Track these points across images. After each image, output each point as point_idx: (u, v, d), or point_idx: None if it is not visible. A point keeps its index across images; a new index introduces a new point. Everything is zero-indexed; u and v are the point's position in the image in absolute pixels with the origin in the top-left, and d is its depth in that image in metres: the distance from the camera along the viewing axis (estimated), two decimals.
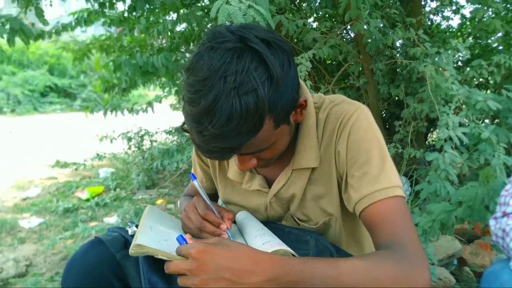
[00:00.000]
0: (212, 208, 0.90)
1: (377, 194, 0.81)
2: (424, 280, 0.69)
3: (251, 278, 0.66)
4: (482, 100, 1.83)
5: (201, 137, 0.71)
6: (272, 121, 0.74)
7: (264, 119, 0.71)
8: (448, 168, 1.70)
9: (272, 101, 0.71)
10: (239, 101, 0.67)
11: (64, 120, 11.35)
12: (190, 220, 0.90)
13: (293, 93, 0.77)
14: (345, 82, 3.37)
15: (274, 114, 0.73)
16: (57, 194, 3.95)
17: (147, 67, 3.24)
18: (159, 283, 0.77)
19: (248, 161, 0.83)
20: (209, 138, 0.70)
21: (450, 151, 1.73)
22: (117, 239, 0.91)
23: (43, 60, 15.11)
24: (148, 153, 4.22)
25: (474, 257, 2.01)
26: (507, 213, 0.99)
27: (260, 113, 0.69)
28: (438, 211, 1.47)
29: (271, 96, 0.70)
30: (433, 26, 3.54)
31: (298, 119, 0.85)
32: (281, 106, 0.73)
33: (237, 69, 0.67)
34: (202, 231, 0.88)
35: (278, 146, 0.82)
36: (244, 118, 0.68)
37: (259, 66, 0.69)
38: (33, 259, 2.47)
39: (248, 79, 0.67)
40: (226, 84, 0.67)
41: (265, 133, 0.74)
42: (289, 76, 0.75)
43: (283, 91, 0.73)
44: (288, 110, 0.78)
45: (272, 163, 0.90)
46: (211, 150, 0.73)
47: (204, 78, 0.68)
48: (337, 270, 0.68)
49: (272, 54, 0.71)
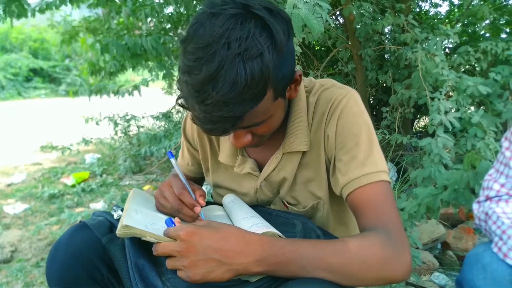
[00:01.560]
0: (188, 187, 0.90)
1: (364, 179, 0.82)
2: (406, 262, 0.72)
3: (240, 259, 0.66)
4: (472, 85, 1.84)
5: (203, 106, 0.68)
6: (272, 91, 0.73)
7: (267, 87, 0.70)
8: (441, 152, 1.71)
9: (275, 68, 0.69)
10: (244, 67, 0.65)
11: (49, 105, 11.16)
12: (166, 199, 0.89)
13: (292, 64, 0.76)
14: (334, 68, 3.37)
15: (275, 84, 0.72)
16: (42, 180, 3.90)
17: (135, 49, 3.16)
18: (146, 266, 0.76)
19: (244, 136, 0.81)
20: (212, 107, 0.67)
21: (443, 135, 1.74)
22: (102, 223, 0.89)
23: (27, 44, 14.77)
24: (135, 138, 4.17)
25: (458, 241, 2.04)
26: (490, 197, 1.00)
27: (265, 80, 0.68)
28: (423, 195, 1.49)
29: (274, 63, 0.69)
30: (422, 13, 3.54)
31: (292, 95, 0.85)
32: (281, 76, 0.73)
33: (242, 35, 0.65)
34: (180, 212, 0.88)
35: (273, 121, 0.81)
36: (249, 85, 0.66)
37: (263, 32, 0.68)
38: (18, 245, 2.44)
39: (254, 44, 0.66)
40: (230, 50, 0.65)
41: (265, 104, 0.72)
42: (289, 47, 0.74)
43: (284, 60, 0.72)
44: (286, 82, 0.77)
45: (264, 142, 0.89)
46: (213, 120, 0.70)
47: (206, 45, 0.66)
48: (324, 251, 0.69)
49: (275, 22, 0.70)
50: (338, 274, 0.68)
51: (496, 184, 0.99)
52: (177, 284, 0.71)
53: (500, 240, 0.88)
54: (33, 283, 1.99)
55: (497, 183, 0.99)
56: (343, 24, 3.10)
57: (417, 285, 1.75)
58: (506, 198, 0.97)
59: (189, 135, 1.11)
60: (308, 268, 0.68)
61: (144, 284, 0.74)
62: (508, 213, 0.93)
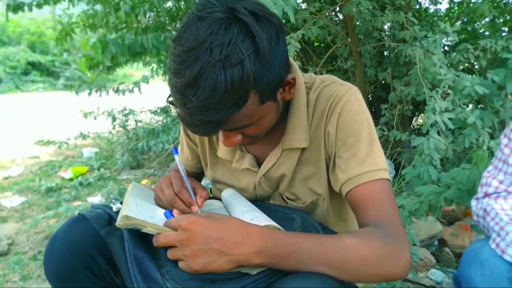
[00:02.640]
0: (188, 185, 0.90)
1: (364, 176, 0.82)
2: (405, 259, 0.72)
3: (240, 249, 0.66)
4: (469, 85, 1.84)
5: (185, 109, 0.69)
6: (257, 96, 0.72)
7: (249, 93, 0.70)
8: (432, 153, 1.72)
9: (258, 75, 0.69)
10: (224, 74, 0.65)
11: (47, 99, 11.10)
12: (163, 193, 0.90)
13: (281, 69, 0.75)
14: (333, 65, 3.36)
15: (259, 89, 0.72)
16: (39, 174, 3.89)
17: (135, 48, 3.15)
18: (145, 259, 0.76)
19: (233, 136, 0.82)
20: (193, 111, 0.69)
21: (435, 136, 1.74)
22: (101, 216, 0.89)
23: (24, 37, 14.68)
24: (132, 133, 4.16)
25: (454, 238, 2.05)
26: (488, 194, 1.01)
27: (245, 87, 0.68)
28: (427, 193, 1.49)
29: (257, 70, 0.69)
30: (421, 10, 3.53)
31: (286, 97, 0.84)
32: (266, 82, 0.72)
33: (224, 41, 0.66)
34: (173, 207, 0.88)
35: (263, 123, 0.81)
36: (229, 92, 0.66)
37: (246, 38, 0.68)
38: (16, 237, 2.44)
39: (234, 51, 0.66)
40: (212, 56, 0.65)
41: (249, 109, 0.72)
42: (277, 51, 0.73)
43: (269, 66, 0.71)
44: (274, 87, 0.76)
45: (259, 140, 0.89)
46: (195, 123, 0.71)
47: (190, 48, 0.67)
48: (324, 246, 0.69)
49: (260, 27, 0.69)
50: (337, 269, 0.68)
51: (494, 180, 1.00)
52: (176, 276, 0.71)
53: (498, 236, 0.88)
54: (30, 276, 1.99)
55: (496, 180, 0.99)
56: (343, 20, 3.10)
57: (414, 281, 1.76)
58: (505, 194, 0.97)
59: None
60: (307, 262, 0.68)
61: (143, 276, 0.74)
62: (507, 210, 0.93)
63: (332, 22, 2.95)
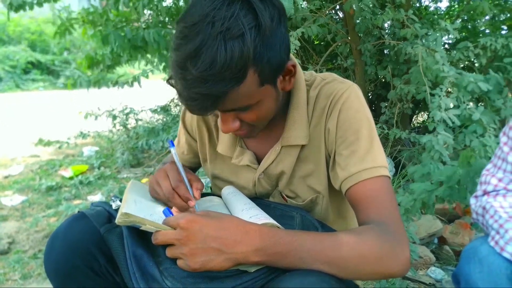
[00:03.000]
0: (184, 178, 0.90)
1: (364, 173, 0.82)
2: (405, 257, 0.72)
3: (239, 248, 0.67)
4: (473, 82, 1.84)
5: (184, 82, 0.70)
6: (257, 76, 0.72)
7: (248, 69, 0.70)
8: (441, 149, 1.71)
9: (258, 51, 0.69)
10: (224, 46, 0.66)
11: (48, 97, 11.10)
12: (160, 187, 0.89)
13: (281, 52, 0.75)
14: (333, 63, 3.36)
15: (259, 68, 0.72)
16: (40, 172, 3.89)
17: (136, 41, 3.14)
18: (144, 257, 0.76)
19: (231, 121, 0.81)
20: (192, 83, 0.69)
21: (443, 132, 1.74)
22: (100, 213, 0.90)
23: (24, 36, 14.66)
24: (133, 131, 4.16)
25: (454, 236, 2.05)
26: (487, 192, 1.01)
27: (245, 61, 0.68)
28: (419, 191, 1.49)
29: (257, 46, 0.69)
30: (422, 8, 3.53)
31: (286, 87, 0.84)
32: (267, 61, 0.72)
33: (226, 15, 0.67)
34: (171, 202, 0.88)
35: (262, 110, 0.80)
36: (228, 64, 0.66)
37: (248, 13, 0.69)
38: (16, 236, 2.44)
39: (236, 24, 0.66)
40: (214, 29, 0.66)
41: (248, 88, 0.72)
42: (278, 33, 0.73)
43: (270, 44, 0.71)
44: (274, 69, 0.76)
45: (257, 133, 0.89)
46: (193, 97, 0.71)
47: (193, 23, 0.68)
48: (323, 244, 0.69)
49: (263, 6, 0.70)
50: (337, 267, 0.68)
51: (493, 178, 1.00)
52: (175, 273, 0.71)
53: (497, 234, 0.88)
54: (31, 274, 2.00)
55: (495, 178, 0.99)
56: (343, 18, 3.09)
57: (413, 279, 1.76)
58: (504, 192, 0.97)
59: (188, 124, 1.11)
60: (306, 260, 0.68)
61: (142, 274, 0.74)
62: (506, 207, 0.93)
63: (332, 20, 2.94)
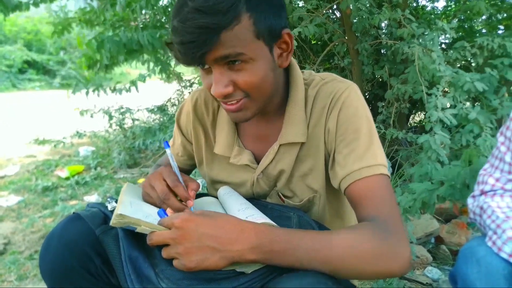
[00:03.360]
0: (181, 179, 0.89)
1: (363, 171, 0.82)
2: (404, 256, 0.70)
3: (235, 246, 0.66)
4: (469, 81, 1.84)
5: (180, 16, 0.71)
6: (252, 23, 0.74)
7: (240, 8, 0.72)
8: (438, 149, 1.71)
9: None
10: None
11: (44, 97, 11.06)
12: (154, 190, 0.88)
13: (277, 12, 0.79)
14: (330, 62, 3.36)
15: (254, 15, 0.74)
16: (36, 173, 3.87)
17: (131, 45, 3.14)
18: (139, 258, 0.76)
19: (224, 80, 0.78)
20: (187, 14, 0.70)
21: (440, 132, 1.74)
22: (96, 215, 0.89)
23: (20, 36, 14.61)
24: (129, 131, 4.15)
25: (451, 235, 2.06)
26: (484, 192, 1.01)
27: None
28: (420, 190, 1.49)
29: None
30: (419, 8, 3.53)
31: (283, 64, 0.85)
32: (262, 10, 0.75)
33: None
34: (166, 203, 0.86)
35: (256, 71, 0.78)
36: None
37: None
38: (12, 237, 2.43)
39: None
40: None
41: (243, 32, 0.74)
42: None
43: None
44: (270, 25, 0.78)
45: (251, 112, 0.85)
46: (187, 30, 0.71)
47: None
48: (321, 243, 0.68)
49: None
50: (334, 267, 0.68)
51: (491, 178, 1.00)
52: (171, 275, 0.71)
53: (495, 234, 0.88)
54: (26, 275, 1.99)
55: (492, 178, 1.00)
56: (340, 18, 3.09)
57: (410, 279, 1.76)
58: (501, 192, 0.97)
59: (183, 126, 1.10)
60: (303, 259, 0.67)
61: (137, 275, 0.74)
62: (503, 207, 0.93)
63: (329, 20, 2.94)
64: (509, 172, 0.97)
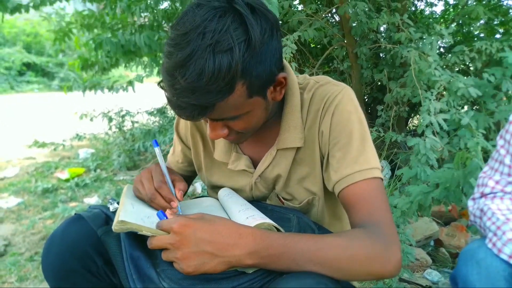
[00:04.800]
0: (168, 179, 0.90)
1: (356, 175, 0.83)
2: (395, 259, 0.72)
3: (232, 251, 0.67)
4: (463, 87, 1.85)
5: (172, 90, 0.71)
6: (246, 88, 0.73)
7: (236, 82, 0.70)
8: (428, 153, 1.72)
9: (247, 65, 0.70)
10: (213, 59, 0.66)
11: (42, 99, 11.06)
12: (143, 187, 0.90)
13: (272, 65, 0.76)
14: (329, 66, 3.38)
15: (248, 81, 0.72)
16: (35, 174, 3.87)
17: (129, 46, 3.15)
18: (141, 258, 0.76)
19: (219, 129, 0.82)
20: (180, 92, 0.70)
21: (431, 136, 1.75)
22: (98, 216, 0.89)
23: (20, 38, 14.63)
24: (129, 133, 4.15)
25: (450, 238, 2.06)
26: (485, 194, 1.01)
27: (232, 75, 0.68)
28: (416, 193, 1.50)
29: (246, 60, 0.69)
30: (417, 12, 3.55)
31: (277, 98, 0.85)
32: (256, 75, 0.73)
33: (217, 28, 0.67)
34: (153, 202, 0.88)
35: (251, 119, 0.81)
36: (216, 77, 0.67)
37: (239, 27, 0.69)
38: (12, 239, 2.43)
39: (225, 38, 0.67)
40: (204, 40, 0.67)
41: (236, 100, 0.73)
42: (269, 47, 0.74)
43: (260, 58, 0.72)
44: (264, 82, 0.76)
45: (246, 139, 0.90)
46: (181, 105, 0.72)
47: (185, 32, 0.68)
48: (316, 246, 0.69)
49: (254, 20, 0.71)
50: (329, 268, 0.69)
51: (490, 181, 1.00)
52: (172, 275, 0.72)
53: (495, 236, 0.88)
54: (27, 277, 1.99)
55: (492, 180, 1.00)
56: (339, 22, 3.11)
57: (410, 281, 1.77)
58: (501, 195, 0.98)
59: (182, 133, 1.11)
60: (300, 262, 0.68)
61: (139, 275, 0.74)
62: (503, 210, 0.94)
63: (328, 24, 2.96)
64: (509, 175, 0.98)
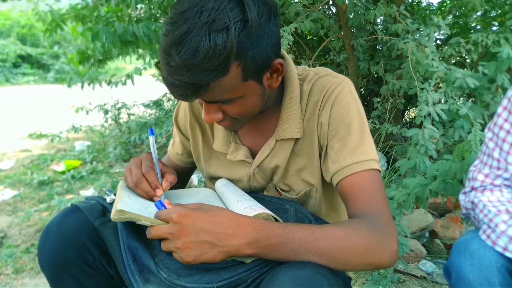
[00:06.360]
0: (157, 167, 0.90)
1: (354, 166, 0.83)
2: (392, 249, 0.73)
3: (232, 241, 0.67)
4: (461, 77, 1.86)
5: (168, 68, 0.71)
6: (240, 70, 0.73)
7: (230, 63, 0.70)
8: (427, 143, 1.73)
9: (242, 46, 0.70)
10: (208, 37, 0.67)
11: (38, 92, 10.99)
12: (131, 173, 0.90)
13: (268, 49, 0.76)
14: (326, 58, 3.37)
15: (243, 63, 0.72)
16: (31, 167, 3.86)
17: (126, 36, 3.12)
18: (139, 248, 0.76)
19: (214, 112, 0.82)
20: (175, 70, 0.70)
21: (430, 127, 1.76)
22: (94, 207, 0.89)
23: (14, 30, 14.49)
24: (125, 126, 4.14)
25: (445, 230, 2.08)
26: (475, 188, 1.02)
27: (227, 54, 0.69)
28: (413, 185, 1.50)
29: (241, 40, 0.70)
30: (414, 3, 3.54)
31: (273, 85, 0.85)
32: (251, 56, 0.73)
33: (214, 6, 0.68)
34: (138, 186, 0.88)
35: (246, 104, 0.81)
36: (210, 55, 0.67)
37: (236, 7, 0.69)
38: (8, 231, 2.43)
39: (222, 17, 0.68)
40: (200, 19, 0.67)
41: (231, 81, 0.73)
42: (266, 30, 0.74)
43: (256, 40, 0.72)
44: (259, 65, 0.76)
45: (240, 126, 0.90)
46: (175, 83, 0.72)
47: (182, 11, 0.69)
48: (314, 236, 0.70)
49: (252, 1, 0.71)
50: (327, 258, 0.69)
51: (480, 174, 1.01)
52: (170, 265, 0.72)
53: (488, 228, 0.89)
54: (23, 268, 1.99)
55: (482, 174, 1.00)
56: (336, 13, 3.10)
57: (405, 272, 1.78)
58: (491, 188, 0.99)
59: (181, 124, 1.11)
60: (298, 252, 0.69)
61: (137, 266, 0.75)
62: (494, 202, 0.94)
63: (325, 16, 2.95)
64: (498, 168, 0.98)
